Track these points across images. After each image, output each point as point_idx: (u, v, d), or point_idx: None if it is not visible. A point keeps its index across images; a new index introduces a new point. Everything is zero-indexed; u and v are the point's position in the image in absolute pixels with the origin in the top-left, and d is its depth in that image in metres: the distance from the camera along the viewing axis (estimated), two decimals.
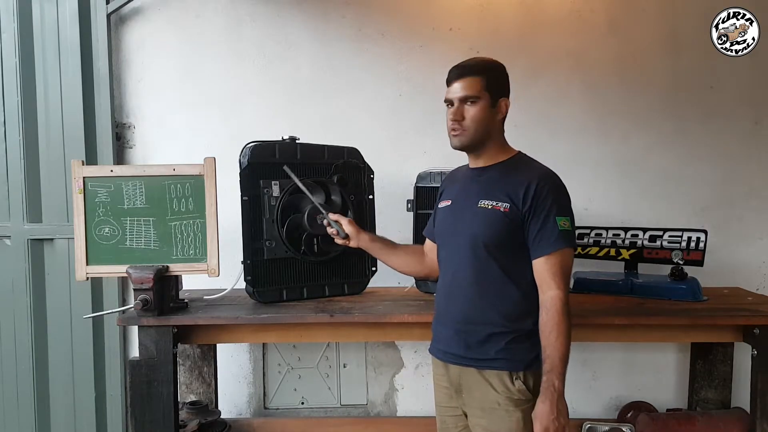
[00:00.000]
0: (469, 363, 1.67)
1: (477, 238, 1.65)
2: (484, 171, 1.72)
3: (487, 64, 1.70)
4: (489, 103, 1.66)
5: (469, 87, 1.65)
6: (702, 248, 2.42)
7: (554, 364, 1.55)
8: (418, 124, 2.83)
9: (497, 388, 1.63)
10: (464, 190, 1.75)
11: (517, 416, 1.62)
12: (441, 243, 1.80)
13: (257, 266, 2.28)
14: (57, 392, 2.86)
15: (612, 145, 2.82)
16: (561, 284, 1.59)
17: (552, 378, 1.54)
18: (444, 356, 1.74)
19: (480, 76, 1.65)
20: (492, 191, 1.66)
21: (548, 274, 1.60)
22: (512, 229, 1.62)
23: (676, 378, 2.86)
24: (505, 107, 1.70)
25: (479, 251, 1.65)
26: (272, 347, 2.94)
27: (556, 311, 1.57)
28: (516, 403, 1.62)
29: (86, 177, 2.18)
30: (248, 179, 2.27)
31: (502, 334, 1.64)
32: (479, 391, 1.66)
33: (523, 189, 1.62)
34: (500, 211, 1.62)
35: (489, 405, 1.64)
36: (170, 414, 2.12)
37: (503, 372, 1.63)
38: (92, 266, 2.18)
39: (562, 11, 2.80)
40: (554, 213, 1.61)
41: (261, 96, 2.84)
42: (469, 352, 1.67)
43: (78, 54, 2.77)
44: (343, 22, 2.83)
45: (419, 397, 2.89)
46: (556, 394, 1.54)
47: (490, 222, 1.63)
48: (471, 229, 1.66)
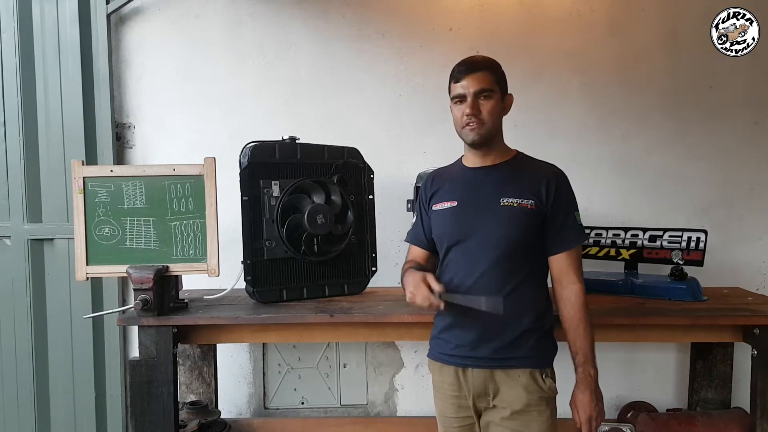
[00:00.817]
0: (497, 364, 1.64)
1: (506, 238, 1.62)
2: (493, 169, 1.70)
3: (492, 61, 1.71)
4: (500, 97, 1.67)
5: (484, 80, 1.63)
6: (702, 248, 2.42)
7: (587, 355, 1.60)
8: (418, 124, 2.83)
9: (528, 387, 1.62)
10: (473, 189, 1.70)
11: (548, 414, 1.64)
12: (448, 246, 1.72)
13: (257, 266, 2.28)
14: (57, 392, 2.86)
15: (612, 145, 2.82)
16: (581, 277, 1.66)
17: (588, 368, 1.60)
18: (462, 361, 1.68)
19: (489, 71, 1.66)
20: (513, 189, 1.65)
21: (571, 269, 1.64)
22: (536, 225, 1.64)
23: (676, 378, 2.86)
24: (509, 103, 1.72)
25: (510, 250, 1.62)
26: (272, 347, 2.94)
27: (582, 304, 1.62)
28: (547, 400, 1.64)
29: (86, 177, 2.18)
30: (248, 179, 2.27)
31: (530, 332, 1.64)
32: (510, 393, 1.63)
33: (544, 185, 1.64)
34: (527, 208, 1.62)
35: (521, 407, 1.62)
36: (170, 414, 2.12)
37: (535, 370, 1.63)
38: (92, 266, 2.18)
39: (562, 11, 2.80)
40: (573, 208, 1.67)
41: (261, 96, 2.84)
42: (497, 353, 1.63)
43: (78, 54, 2.77)
44: (343, 22, 2.83)
45: (419, 397, 2.89)
46: (593, 383, 1.60)
47: (517, 220, 1.62)
48: (497, 229, 1.63)
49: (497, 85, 1.66)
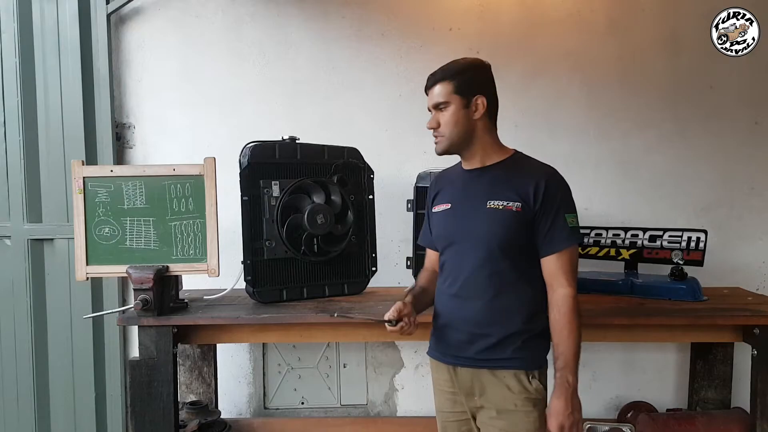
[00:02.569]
0: (484, 365, 1.65)
1: (491, 240, 1.63)
2: (484, 171, 1.70)
3: (459, 67, 1.68)
4: (461, 104, 1.65)
5: (438, 94, 1.67)
6: (702, 248, 2.42)
7: (567, 360, 1.57)
8: (418, 124, 2.80)
9: (514, 388, 1.63)
10: (464, 192, 1.72)
11: (535, 416, 1.63)
12: (444, 248, 1.75)
13: (257, 266, 2.29)
14: (57, 392, 2.86)
15: (612, 145, 2.82)
16: (572, 281, 1.61)
17: (566, 374, 1.56)
18: (453, 360, 1.71)
19: (448, 80, 1.65)
20: (500, 191, 1.64)
21: (560, 272, 1.61)
22: (524, 227, 1.62)
23: (676, 378, 2.86)
24: (481, 104, 1.66)
25: (494, 253, 1.63)
26: (272, 347, 2.94)
27: (569, 308, 1.59)
28: (534, 402, 1.63)
29: (86, 177, 2.18)
30: (248, 179, 2.27)
31: (519, 334, 1.63)
32: (495, 392, 1.65)
33: (533, 187, 1.62)
34: (512, 210, 1.61)
35: (506, 406, 1.63)
36: (170, 414, 2.12)
37: (520, 371, 1.63)
38: (92, 266, 2.19)
39: (562, 11, 2.80)
40: (564, 210, 1.62)
41: (261, 96, 2.84)
42: (483, 354, 1.65)
43: (78, 54, 2.77)
44: (343, 22, 2.83)
45: (419, 397, 2.89)
46: (570, 390, 1.56)
47: (503, 222, 1.62)
48: (483, 231, 1.64)
49: (456, 94, 1.65)
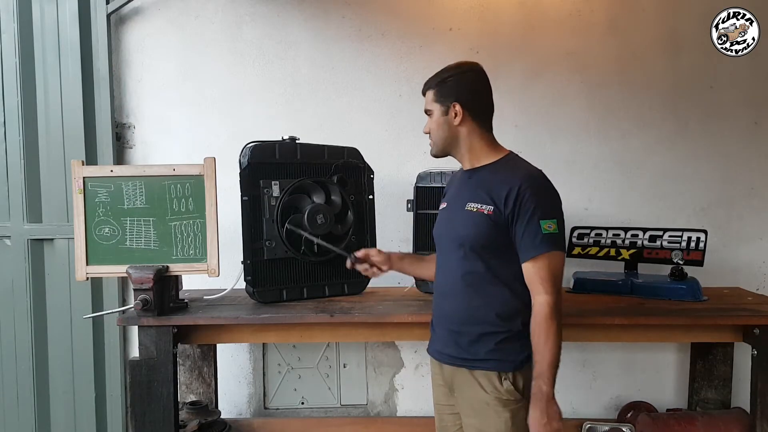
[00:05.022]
0: (461, 363, 1.69)
1: (464, 240, 1.67)
2: (473, 173, 1.73)
3: (443, 74, 1.72)
4: (441, 112, 1.72)
5: (426, 101, 1.76)
6: (702, 248, 2.42)
7: (542, 369, 1.55)
8: (418, 125, 2.77)
9: (486, 388, 1.64)
10: (457, 193, 1.77)
11: (506, 417, 1.63)
12: (437, 244, 1.82)
13: (257, 266, 2.28)
14: (57, 392, 2.86)
15: (612, 145, 2.82)
16: (549, 288, 1.58)
17: (540, 384, 1.55)
18: (439, 356, 1.76)
19: (432, 89, 1.73)
20: (478, 194, 1.67)
21: (536, 278, 1.60)
22: (497, 231, 1.63)
23: (676, 378, 2.86)
24: (459, 111, 1.68)
25: (467, 253, 1.67)
26: (272, 347, 2.94)
27: (543, 317, 1.57)
28: (504, 403, 1.63)
29: (86, 177, 2.18)
30: (248, 179, 2.27)
31: (492, 335, 1.65)
32: (469, 391, 1.67)
33: (506, 192, 1.61)
34: (484, 213, 1.64)
35: (479, 405, 1.65)
36: (170, 414, 2.12)
37: (492, 372, 1.64)
38: (92, 266, 2.19)
39: (562, 11, 2.80)
40: (538, 216, 1.59)
41: (261, 96, 2.84)
42: (460, 352, 1.69)
43: (78, 54, 2.77)
44: (343, 22, 2.83)
45: (419, 397, 2.89)
46: (544, 399, 1.55)
47: (475, 224, 1.64)
48: (459, 231, 1.68)
49: (436, 102, 1.72)
